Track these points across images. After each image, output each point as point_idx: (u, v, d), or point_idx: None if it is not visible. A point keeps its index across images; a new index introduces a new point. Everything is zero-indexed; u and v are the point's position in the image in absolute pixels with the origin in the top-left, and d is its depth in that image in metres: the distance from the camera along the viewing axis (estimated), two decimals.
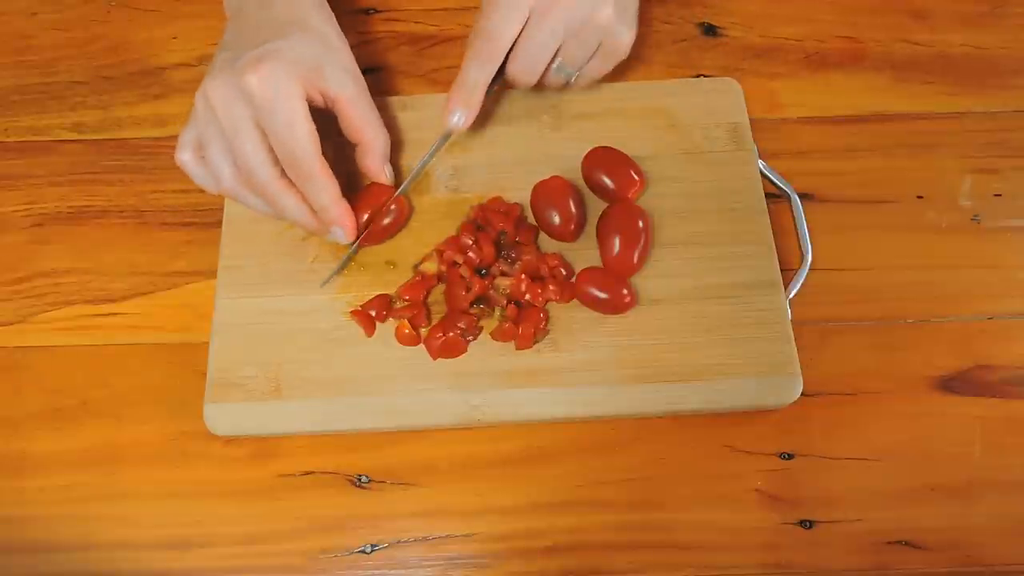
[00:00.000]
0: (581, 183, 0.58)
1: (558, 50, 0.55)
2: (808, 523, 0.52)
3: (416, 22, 0.67)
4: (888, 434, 0.53)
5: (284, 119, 0.49)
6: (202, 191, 0.61)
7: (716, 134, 0.60)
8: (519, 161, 0.60)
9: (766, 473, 0.53)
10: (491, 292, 0.55)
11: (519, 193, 0.58)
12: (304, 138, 0.50)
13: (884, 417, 0.54)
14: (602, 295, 0.53)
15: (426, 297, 0.55)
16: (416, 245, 0.57)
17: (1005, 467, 0.53)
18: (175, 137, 0.65)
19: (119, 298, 0.58)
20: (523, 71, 0.55)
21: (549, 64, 0.56)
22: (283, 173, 0.51)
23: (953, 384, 0.55)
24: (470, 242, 0.55)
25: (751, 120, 0.61)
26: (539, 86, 0.58)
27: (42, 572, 0.52)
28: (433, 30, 0.67)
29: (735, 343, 0.53)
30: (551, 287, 0.54)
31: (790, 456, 0.53)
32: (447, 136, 0.58)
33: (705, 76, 0.64)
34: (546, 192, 0.57)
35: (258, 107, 0.49)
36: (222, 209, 0.59)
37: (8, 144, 0.63)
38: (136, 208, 0.61)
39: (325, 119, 0.53)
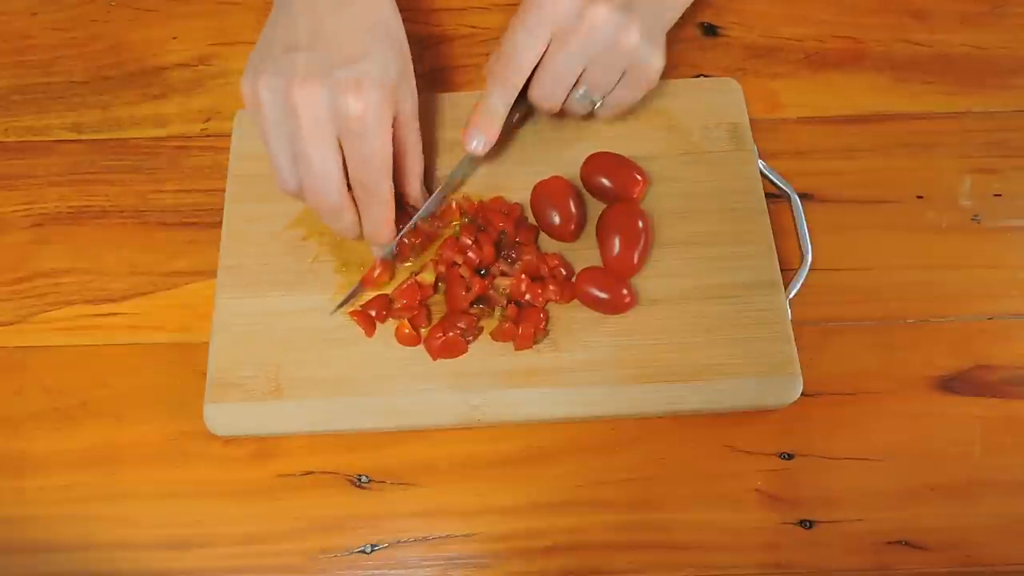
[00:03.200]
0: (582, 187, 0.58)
1: (581, 75, 0.54)
2: (808, 523, 0.52)
3: (416, 22, 0.67)
4: (888, 434, 0.53)
5: (373, 146, 0.49)
6: (202, 191, 0.61)
7: (716, 134, 0.60)
8: (519, 161, 0.60)
9: (766, 473, 0.53)
10: (491, 292, 0.55)
11: (519, 193, 0.58)
12: (385, 163, 0.50)
13: (884, 417, 0.54)
14: (602, 295, 0.53)
15: (423, 300, 0.55)
16: None
17: (1005, 467, 0.53)
18: (175, 137, 0.65)
19: (119, 298, 0.58)
20: (544, 96, 0.54)
21: (573, 90, 0.55)
22: (348, 189, 0.51)
23: (953, 384, 0.55)
24: (470, 242, 0.55)
25: (751, 120, 0.61)
26: (563, 113, 0.57)
27: (42, 572, 0.52)
28: (433, 30, 0.67)
29: (735, 343, 0.53)
30: (551, 287, 0.54)
31: (790, 456, 0.53)
32: (469, 160, 0.57)
33: (705, 76, 0.64)
34: (546, 192, 0.57)
35: (350, 129, 0.48)
36: (222, 209, 0.59)
37: (8, 144, 0.63)
38: (136, 208, 0.61)
39: None
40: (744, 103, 0.61)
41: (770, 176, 0.59)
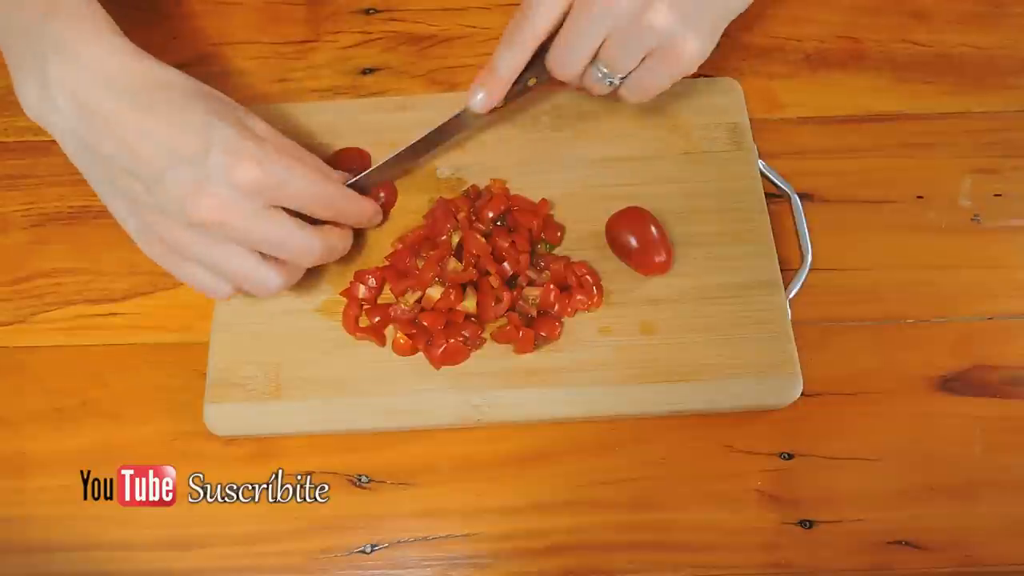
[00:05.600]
0: (581, 186, 0.58)
1: (600, 50, 0.50)
2: (808, 523, 0.52)
3: (416, 22, 0.67)
4: (888, 434, 0.53)
5: (302, 180, 0.48)
6: None
7: (716, 134, 0.60)
8: (519, 161, 0.60)
9: (766, 473, 0.53)
10: (520, 303, 0.54)
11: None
12: (324, 174, 0.50)
13: (884, 417, 0.54)
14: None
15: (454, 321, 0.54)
16: None
17: (1005, 467, 0.53)
18: None
19: (119, 298, 0.58)
20: (560, 63, 0.51)
21: (592, 66, 0.51)
22: (314, 224, 0.51)
23: (953, 384, 0.55)
24: (507, 245, 0.54)
25: (751, 120, 0.61)
26: (583, 90, 0.55)
27: (42, 572, 0.52)
28: (433, 30, 0.67)
29: (735, 343, 0.53)
30: (579, 296, 0.54)
31: (790, 456, 0.53)
32: (463, 115, 0.55)
33: (704, 76, 0.64)
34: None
35: (270, 190, 0.47)
36: None
37: (8, 144, 0.63)
38: None
39: None
40: (744, 103, 0.61)
41: (770, 176, 0.59)
